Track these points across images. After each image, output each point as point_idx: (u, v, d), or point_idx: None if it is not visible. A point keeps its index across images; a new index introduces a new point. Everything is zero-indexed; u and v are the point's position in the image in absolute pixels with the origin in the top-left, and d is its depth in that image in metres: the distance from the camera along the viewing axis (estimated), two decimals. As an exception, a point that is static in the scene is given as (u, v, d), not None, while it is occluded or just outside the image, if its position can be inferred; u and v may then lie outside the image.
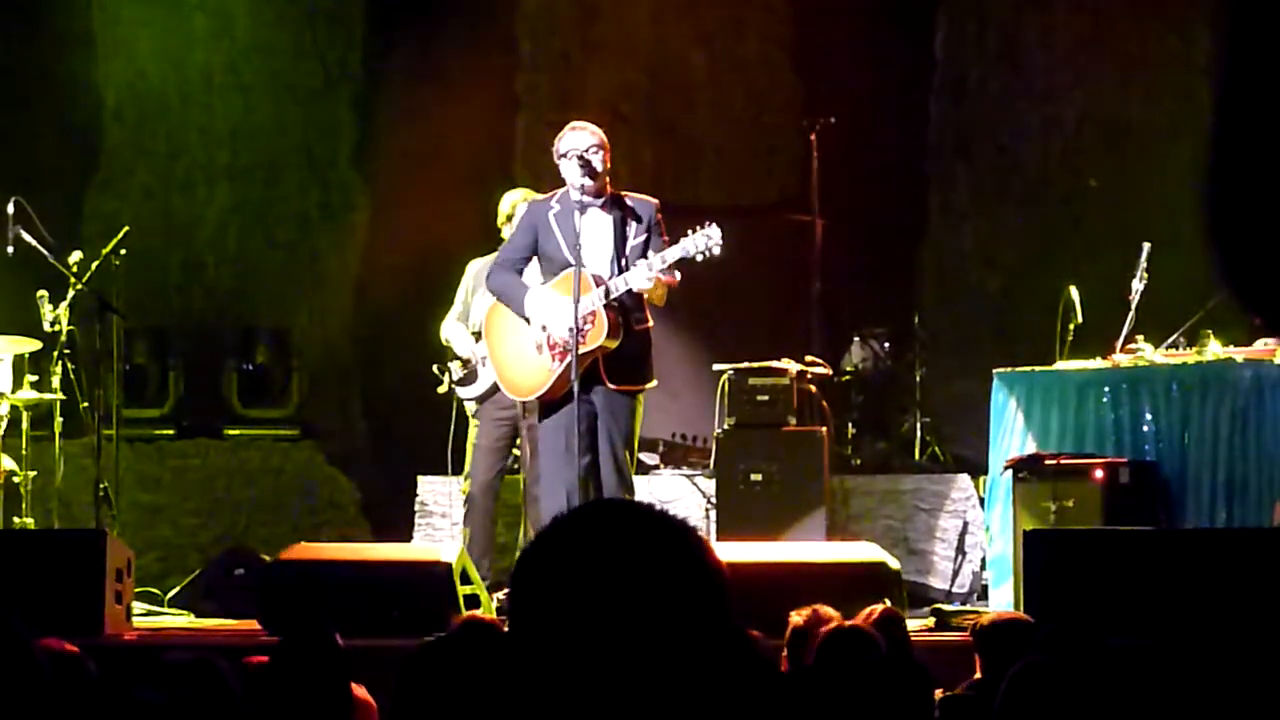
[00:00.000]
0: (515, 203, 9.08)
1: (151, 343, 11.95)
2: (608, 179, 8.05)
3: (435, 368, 9.28)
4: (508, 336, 8.19)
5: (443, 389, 9.26)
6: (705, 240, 7.74)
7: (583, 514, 2.01)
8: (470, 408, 9.22)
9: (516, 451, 9.30)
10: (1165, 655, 4.19)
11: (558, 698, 1.92)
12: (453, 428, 9.37)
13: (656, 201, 8.14)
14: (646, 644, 1.91)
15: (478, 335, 9.09)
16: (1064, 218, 12.13)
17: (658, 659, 1.91)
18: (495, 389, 8.86)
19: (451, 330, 9.26)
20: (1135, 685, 4.12)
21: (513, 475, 9.49)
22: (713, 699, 1.92)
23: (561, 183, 8.06)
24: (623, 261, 7.94)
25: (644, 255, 7.89)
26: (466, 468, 9.24)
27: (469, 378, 9.17)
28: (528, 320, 8.04)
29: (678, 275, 7.94)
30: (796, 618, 5.60)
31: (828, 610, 5.64)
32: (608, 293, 7.83)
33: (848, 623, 5.35)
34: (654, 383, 8.10)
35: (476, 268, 9.25)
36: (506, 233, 9.04)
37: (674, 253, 7.79)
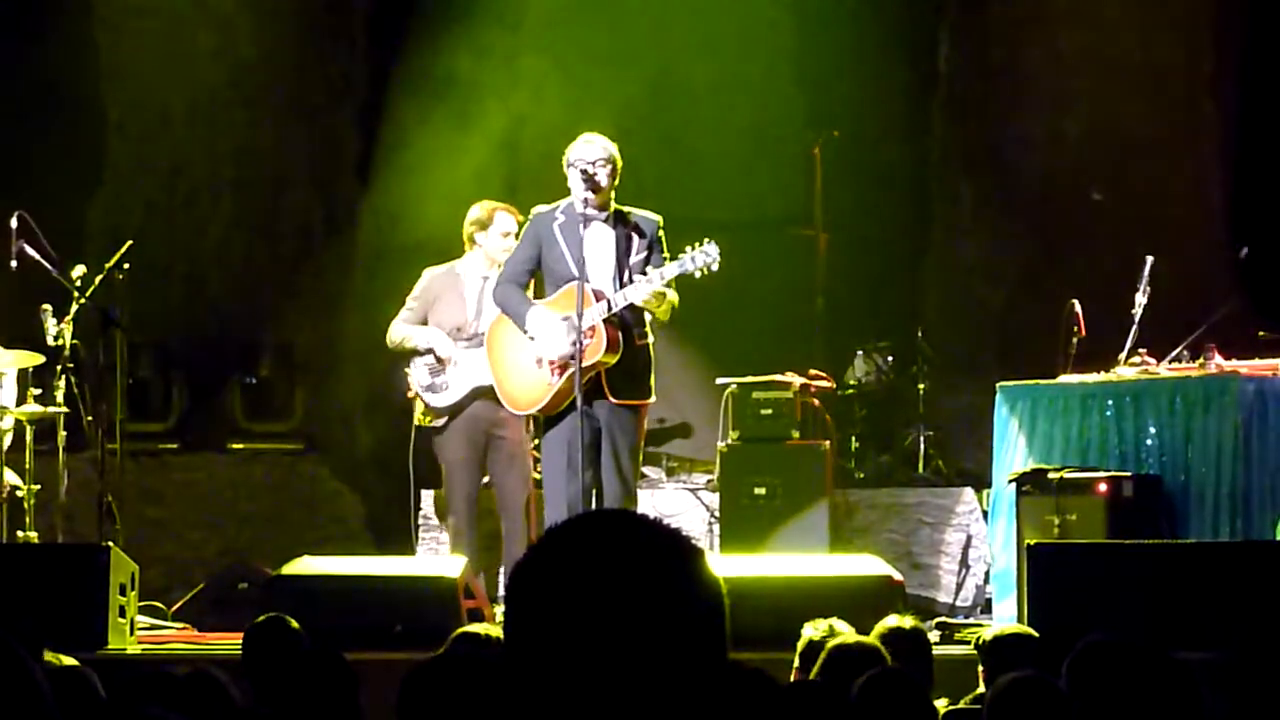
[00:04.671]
0: (494, 210, 9.08)
1: (155, 356, 11.96)
2: (612, 195, 8.07)
3: (406, 370, 9.21)
4: (510, 350, 8.23)
5: (411, 394, 9.19)
6: (704, 257, 7.78)
7: (577, 525, 2.01)
8: (439, 420, 9.09)
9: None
10: (1169, 669, 4.18)
11: (553, 712, 1.92)
12: (413, 437, 9.27)
13: (659, 218, 8.17)
14: (640, 656, 1.91)
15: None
16: (1067, 232, 12.12)
17: (652, 671, 1.91)
18: (469, 401, 8.87)
19: (402, 330, 9.16)
20: (1135, 699, 4.11)
21: (487, 489, 9.40)
22: (708, 713, 1.92)
23: (568, 192, 8.08)
24: (624, 277, 7.98)
25: (644, 271, 7.92)
26: (445, 485, 9.19)
27: (439, 385, 9.06)
28: (530, 336, 8.09)
29: (675, 296, 7.96)
30: (811, 631, 5.58)
31: (842, 625, 5.63)
32: (608, 308, 7.85)
33: (854, 638, 5.34)
34: (654, 398, 8.13)
35: (434, 274, 9.22)
36: (479, 239, 9.05)
37: (672, 269, 7.84)
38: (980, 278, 12.48)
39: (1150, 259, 9.29)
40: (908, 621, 5.77)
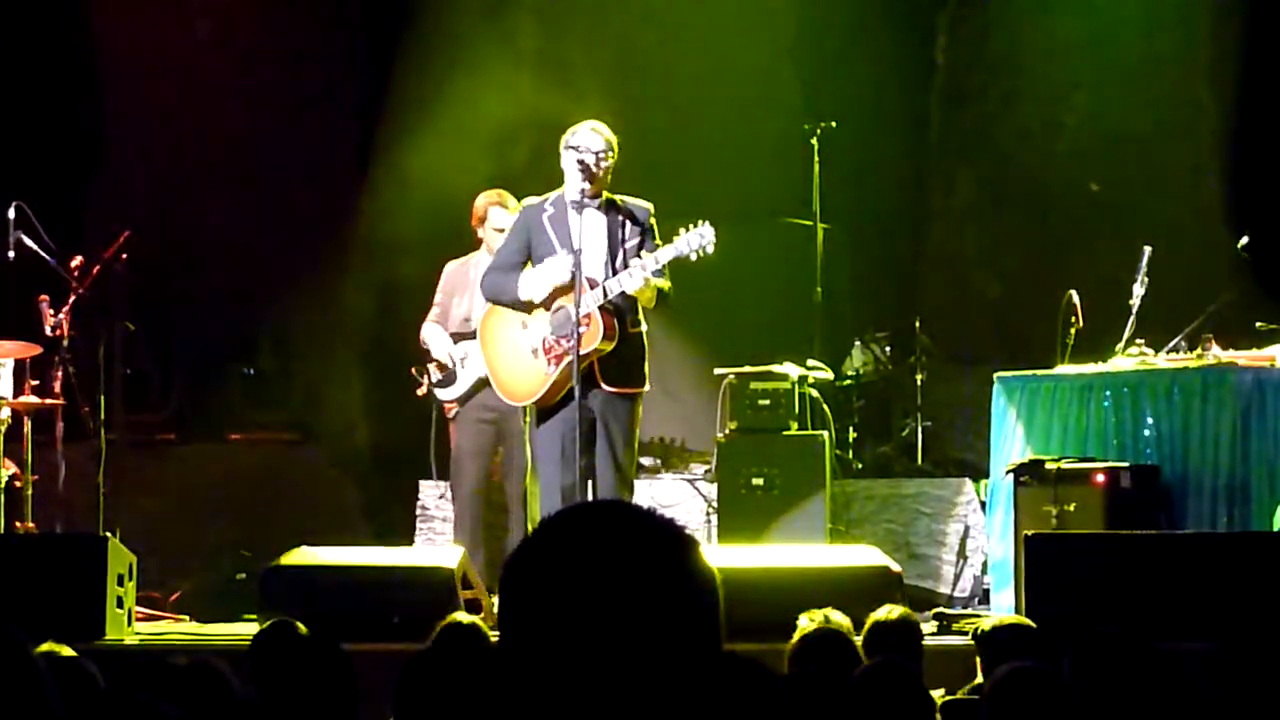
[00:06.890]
0: (487, 205, 9.13)
1: (153, 347, 11.96)
2: (606, 182, 8.06)
3: (413, 370, 9.28)
4: (503, 341, 8.21)
5: (422, 391, 9.26)
6: (699, 239, 7.74)
7: (571, 516, 2.01)
8: (450, 410, 9.19)
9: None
10: (1166, 659, 4.20)
11: (545, 703, 1.92)
12: (434, 433, 9.37)
13: (651, 206, 8.15)
14: (633, 647, 1.91)
15: (456, 336, 9.11)
16: (1065, 222, 12.13)
17: (646, 663, 1.91)
18: (475, 390, 8.89)
19: (429, 332, 9.27)
20: (1131, 689, 4.12)
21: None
22: (702, 704, 1.92)
23: (560, 181, 8.06)
24: (617, 263, 7.94)
25: (640, 256, 7.90)
26: (451, 473, 9.22)
27: (447, 379, 9.15)
28: (525, 307, 8.05)
29: (664, 281, 7.94)
30: (806, 621, 5.58)
31: (838, 615, 5.63)
32: (603, 294, 7.84)
33: (822, 626, 5.33)
34: (648, 386, 8.12)
35: (451, 268, 9.28)
36: (480, 234, 9.10)
37: (667, 253, 7.80)
38: (978, 268, 12.49)
39: (1148, 249, 9.29)
40: (897, 612, 5.77)
